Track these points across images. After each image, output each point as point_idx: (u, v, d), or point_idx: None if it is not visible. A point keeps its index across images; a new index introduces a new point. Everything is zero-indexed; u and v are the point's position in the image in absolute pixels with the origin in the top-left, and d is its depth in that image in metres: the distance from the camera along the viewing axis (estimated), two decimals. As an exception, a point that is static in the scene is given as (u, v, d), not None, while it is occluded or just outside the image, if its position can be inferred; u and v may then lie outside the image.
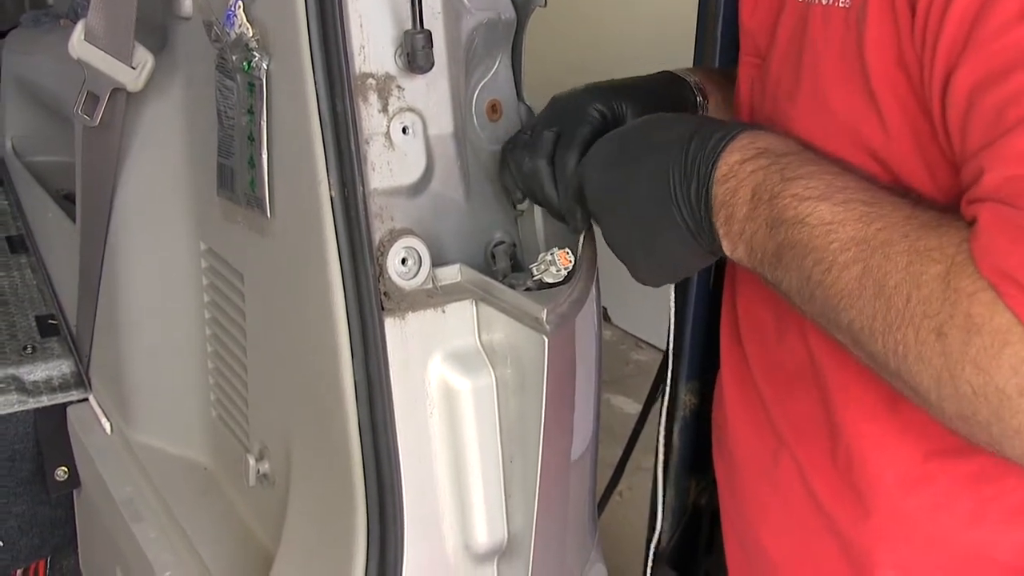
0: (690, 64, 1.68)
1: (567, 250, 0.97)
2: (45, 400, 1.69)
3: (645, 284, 0.91)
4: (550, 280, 0.97)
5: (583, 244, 1.02)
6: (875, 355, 0.70)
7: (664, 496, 1.96)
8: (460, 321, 0.98)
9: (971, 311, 0.63)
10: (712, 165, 0.79)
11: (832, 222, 0.72)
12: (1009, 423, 0.63)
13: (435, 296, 0.97)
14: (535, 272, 0.98)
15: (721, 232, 0.80)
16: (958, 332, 0.63)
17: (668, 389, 1.91)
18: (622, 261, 0.91)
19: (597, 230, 1.07)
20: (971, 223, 0.66)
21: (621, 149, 0.89)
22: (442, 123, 1.00)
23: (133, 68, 1.23)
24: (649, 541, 2.02)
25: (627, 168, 0.86)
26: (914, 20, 0.70)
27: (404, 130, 0.97)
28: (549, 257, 0.97)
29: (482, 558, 1.02)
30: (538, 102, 1.11)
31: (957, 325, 0.63)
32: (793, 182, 0.75)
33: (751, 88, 0.96)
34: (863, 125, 0.77)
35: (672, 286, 1.85)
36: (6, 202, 2.37)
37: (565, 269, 0.97)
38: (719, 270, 1.77)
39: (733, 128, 0.81)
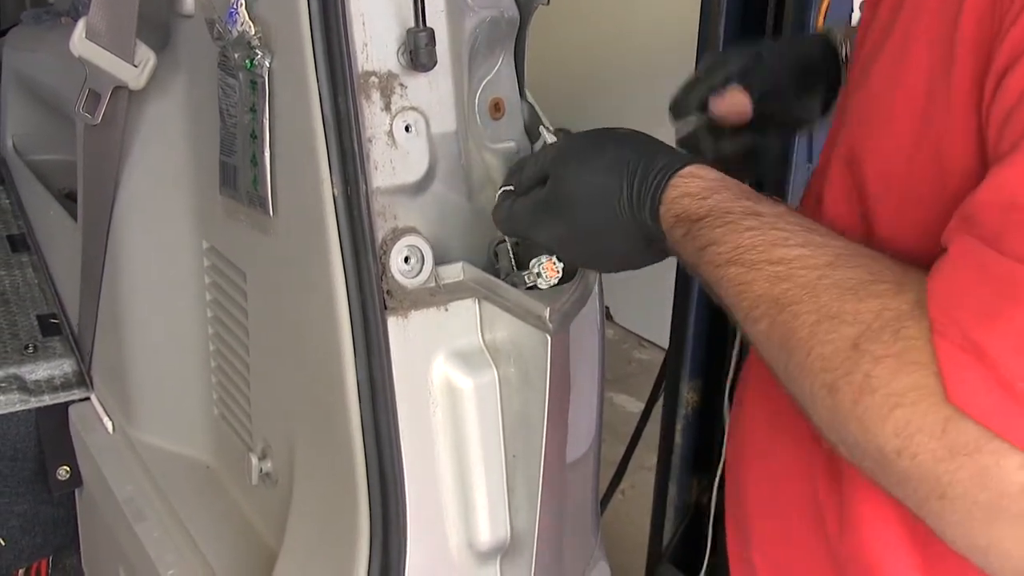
0: (691, 61, 1.69)
1: (554, 260, 0.97)
2: (47, 399, 1.69)
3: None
4: (542, 287, 0.97)
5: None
6: (788, 389, 0.72)
7: (667, 494, 1.97)
8: (463, 320, 0.98)
9: (872, 372, 0.62)
10: (662, 188, 0.82)
11: (741, 283, 0.73)
12: (889, 476, 0.64)
13: (438, 295, 0.97)
14: (526, 281, 0.98)
15: (662, 211, 0.82)
16: (850, 390, 0.63)
17: (669, 387, 1.91)
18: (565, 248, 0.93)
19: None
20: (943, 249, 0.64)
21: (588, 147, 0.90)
22: (445, 121, 1.00)
23: (135, 66, 1.23)
24: (652, 539, 2.02)
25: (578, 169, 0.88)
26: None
27: (407, 128, 0.97)
28: (537, 269, 0.97)
29: (485, 556, 1.02)
30: (541, 100, 1.11)
31: (852, 383, 0.63)
32: (705, 250, 0.77)
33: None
34: (934, 83, 0.71)
35: (673, 286, 1.86)
36: (7, 201, 2.37)
37: (554, 279, 0.97)
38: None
39: (682, 160, 0.83)
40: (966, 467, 0.59)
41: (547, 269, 0.96)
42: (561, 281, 0.97)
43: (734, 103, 1.03)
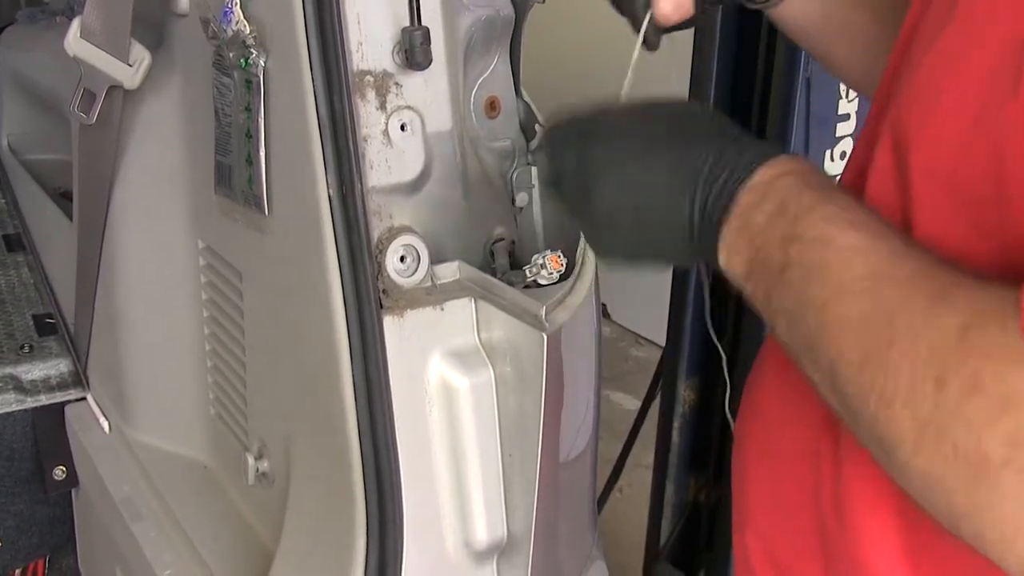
0: (687, 60, 1.69)
1: (559, 254, 0.97)
2: (43, 399, 1.68)
3: (603, 256, 0.85)
4: (543, 282, 0.97)
5: (582, 241, 1.02)
6: (851, 395, 0.65)
7: (664, 492, 1.97)
8: (459, 319, 0.98)
9: (980, 369, 0.57)
10: (747, 173, 0.74)
11: (856, 249, 0.67)
12: (978, 494, 0.58)
13: (434, 294, 0.97)
14: (528, 274, 0.98)
15: (726, 240, 0.75)
16: (960, 385, 0.57)
17: (666, 386, 1.91)
18: (588, 226, 0.85)
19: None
20: None
21: (644, 118, 0.82)
22: (440, 120, 1.00)
23: (130, 65, 1.23)
24: (649, 537, 2.02)
25: (647, 141, 0.80)
26: None
27: (402, 127, 0.97)
28: (541, 261, 0.97)
29: (482, 556, 1.02)
30: (536, 98, 1.11)
31: (961, 377, 0.57)
32: (827, 204, 0.70)
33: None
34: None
35: (670, 284, 1.86)
36: (3, 200, 2.37)
37: (557, 272, 0.97)
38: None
39: (774, 149, 0.77)
40: None
41: (551, 262, 0.96)
42: (562, 277, 0.97)
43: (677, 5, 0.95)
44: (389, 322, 0.94)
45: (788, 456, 0.89)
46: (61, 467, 1.71)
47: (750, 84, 1.68)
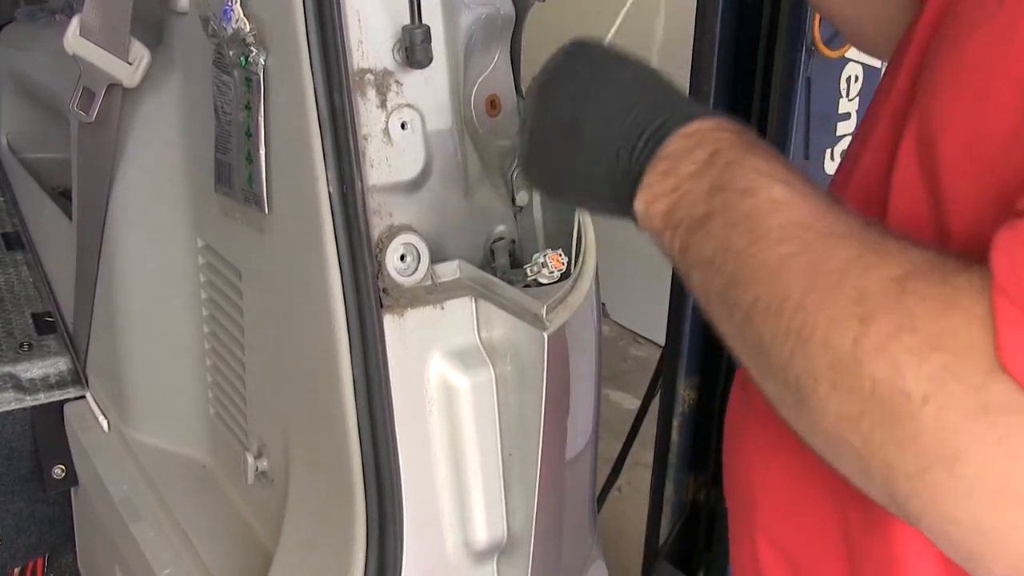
0: (687, 57, 1.69)
1: (560, 252, 0.97)
2: (42, 398, 1.68)
3: (532, 177, 0.89)
4: (543, 281, 0.97)
5: (582, 242, 1.02)
6: (765, 340, 0.65)
7: (663, 492, 1.96)
8: (459, 318, 0.97)
9: (914, 310, 0.58)
10: (684, 120, 0.76)
11: (783, 201, 0.68)
12: (895, 430, 0.59)
13: (434, 293, 0.97)
14: (528, 273, 0.98)
15: (646, 182, 0.76)
16: (887, 323, 0.59)
17: (666, 385, 1.91)
18: (528, 145, 0.87)
19: (603, 221, 1.06)
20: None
21: (609, 58, 0.84)
22: (441, 119, 1.00)
23: (129, 64, 1.23)
24: (649, 536, 2.02)
25: (601, 74, 0.82)
26: None
27: (403, 126, 0.97)
28: (542, 259, 0.97)
29: (482, 555, 1.02)
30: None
31: (891, 317, 0.59)
32: (759, 158, 0.71)
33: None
34: None
35: (669, 282, 1.86)
36: (2, 199, 2.37)
37: (558, 271, 0.97)
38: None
39: (715, 112, 0.78)
40: (997, 427, 0.55)
41: (552, 261, 0.96)
42: (562, 276, 0.97)
43: None
44: (389, 321, 0.94)
45: (801, 455, 0.87)
46: (60, 466, 1.71)
47: (750, 83, 1.68)
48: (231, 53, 1.02)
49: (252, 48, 0.99)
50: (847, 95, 1.66)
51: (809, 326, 0.62)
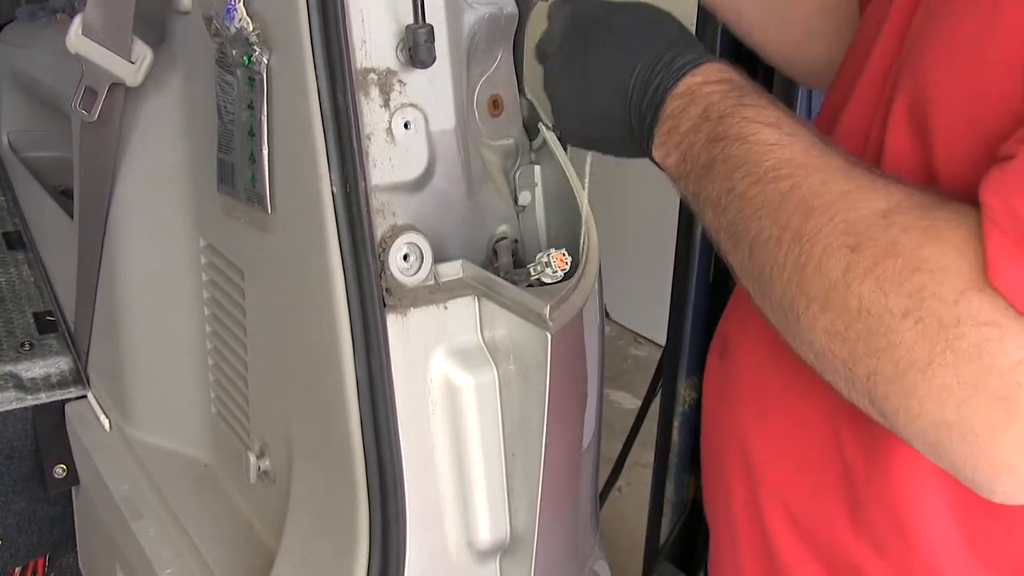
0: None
1: (563, 252, 0.97)
2: (43, 397, 1.68)
3: (564, 135, 1.00)
4: (547, 281, 0.97)
5: (585, 242, 1.02)
6: (767, 269, 0.74)
7: (664, 492, 1.97)
8: (462, 317, 0.97)
9: (897, 239, 0.67)
10: (674, 81, 0.84)
11: (774, 144, 0.75)
12: (877, 341, 0.67)
13: (437, 292, 0.97)
14: (532, 273, 0.98)
15: (657, 140, 0.85)
16: (874, 251, 0.67)
17: (666, 384, 1.91)
18: (553, 103, 0.96)
19: (604, 221, 1.07)
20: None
21: (605, 16, 0.92)
22: (444, 118, 1.00)
23: (131, 63, 1.23)
24: (649, 536, 2.02)
25: (601, 37, 0.90)
26: None
27: (406, 125, 0.97)
28: (545, 259, 0.97)
29: (484, 555, 1.02)
30: (540, 97, 1.11)
31: (877, 245, 0.67)
32: (746, 107, 0.79)
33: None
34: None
35: (671, 283, 1.86)
36: (3, 198, 2.37)
37: (561, 271, 0.97)
38: (719, 268, 1.77)
39: (705, 56, 0.86)
40: (968, 336, 0.63)
41: (556, 260, 0.96)
42: (565, 276, 0.97)
43: None
44: (392, 320, 0.94)
45: (796, 410, 0.93)
46: (61, 465, 1.71)
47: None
48: (234, 52, 1.02)
49: (255, 47, 1.00)
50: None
51: (804, 254, 0.70)
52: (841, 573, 0.91)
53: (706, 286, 1.81)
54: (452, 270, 0.99)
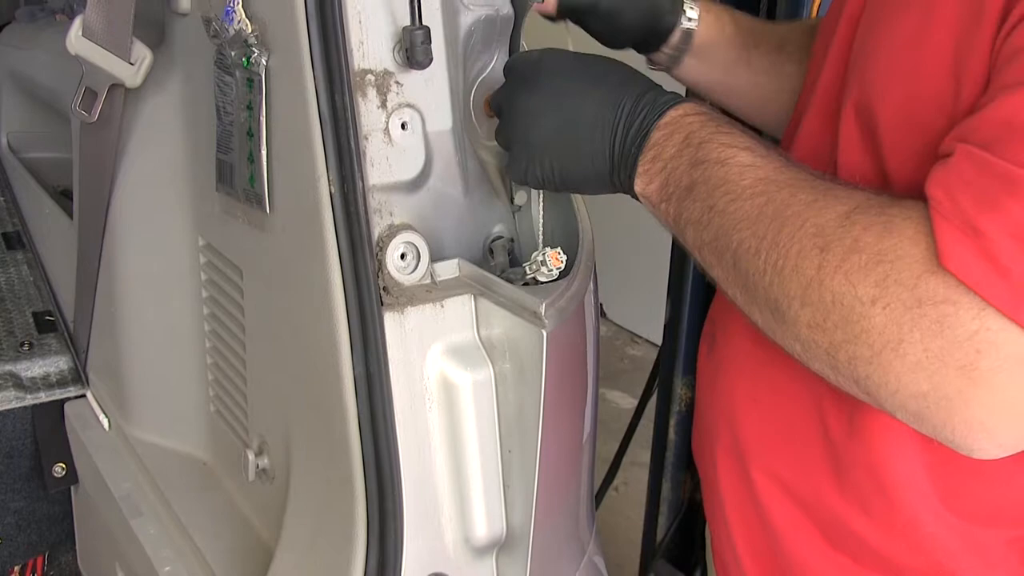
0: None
1: (559, 250, 0.98)
2: (43, 396, 1.69)
3: (518, 178, 0.99)
4: (542, 279, 0.98)
5: (580, 240, 1.03)
6: (750, 275, 0.81)
7: (660, 490, 1.97)
8: (459, 316, 0.98)
9: (859, 237, 0.75)
10: (659, 114, 0.90)
11: (750, 165, 0.84)
12: (853, 328, 0.75)
13: (434, 291, 0.97)
14: (527, 271, 0.99)
15: (640, 170, 0.91)
16: (840, 249, 0.75)
17: (662, 384, 1.92)
18: (517, 149, 0.97)
19: (600, 222, 1.08)
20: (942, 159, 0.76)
21: (580, 64, 0.96)
22: (440, 119, 1.01)
23: (131, 64, 1.24)
24: (646, 535, 2.03)
25: (580, 82, 0.95)
26: None
27: (403, 126, 0.98)
28: (540, 257, 0.98)
29: (481, 551, 1.03)
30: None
31: (842, 245, 0.75)
32: (724, 134, 0.87)
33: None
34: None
35: (667, 282, 1.87)
36: (2, 198, 2.37)
37: (556, 269, 0.98)
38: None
39: (683, 97, 0.93)
40: (929, 315, 0.71)
41: (551, 259, 0.97)
42: (561, 275, 0.98)
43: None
44: (390, 319, 0.95)
45: (776, 393, 1.02)
46: (61, 464, 1.71)
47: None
48: (233, 54, 1.03)
49: (254, 49, 1.00)
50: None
51: (782, 260, 0.79)
52: (832, 530, 0.99)
53: (702, 286, 1.82)
54: (449, 269, 1.00)
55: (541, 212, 1.08)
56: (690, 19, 1.21)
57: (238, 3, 1.00)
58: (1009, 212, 0.69)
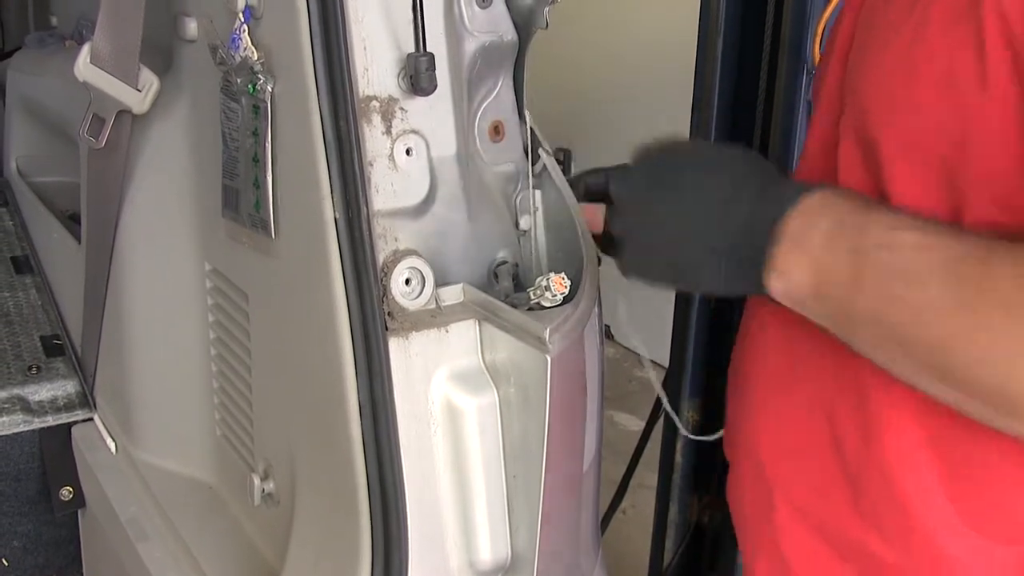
0: (688, 79, 1.70)
1: (563, 275, 0.98)
2: (50, 420, 1.69)
3: (632, 273, 0.96)
4: (547, 304, 0.98)
5: (584, 264, 1.03)
6: (958, 367, 0.74)
7: (667, 514, 1.97)
8: (463, 340, 0.98)
9: None
10: (792, 202, 0.83)
11: (922, 246, 0.76)
12: None
13: (438, 316, 0.98)
14: (532, 296, 0.99)
15: (776, 264, 0.83)
16: None
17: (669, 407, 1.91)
18: (634, 244, 0.95)
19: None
20: None
21: (705, 156, 0.94)
22: (445, 144, 1.01)
23: (138, 90, 1.24)
24: (653, 558, 2.02)
25: (705, 174, 0.90)
26: None
27: (407, 152, 0.98)
28: (544, 283, 0.98)
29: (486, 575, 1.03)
30: (540, 123, 1.12)
31: None
32: (878, 215, 0.80)
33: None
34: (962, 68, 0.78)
35: (673, 305, 1.87)
36: (11, 223, 2.39)
37: (561, 295, 0.98)
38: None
39: (810, 184, 0.86)
40: None
41: (556, 284, 0.97)
42: (565, 300, 0.98)
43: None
44: (394, 344, 0.95)
45: (787, 413, 0.99)
46: (68, 488, 1.72)
47: (752, 106, 1.69)
48: (239, 81, 1.04)
49: (260, 76, 1.01)
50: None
51: (986, 331, 0.71)
52: (848, 553, 0.95)
53: (708, 308, 1.82)
54: (453, 294, 1.00)
55: (545, 237, 1.08)
56: None
57: (244, 30, 1.01)
58: None
